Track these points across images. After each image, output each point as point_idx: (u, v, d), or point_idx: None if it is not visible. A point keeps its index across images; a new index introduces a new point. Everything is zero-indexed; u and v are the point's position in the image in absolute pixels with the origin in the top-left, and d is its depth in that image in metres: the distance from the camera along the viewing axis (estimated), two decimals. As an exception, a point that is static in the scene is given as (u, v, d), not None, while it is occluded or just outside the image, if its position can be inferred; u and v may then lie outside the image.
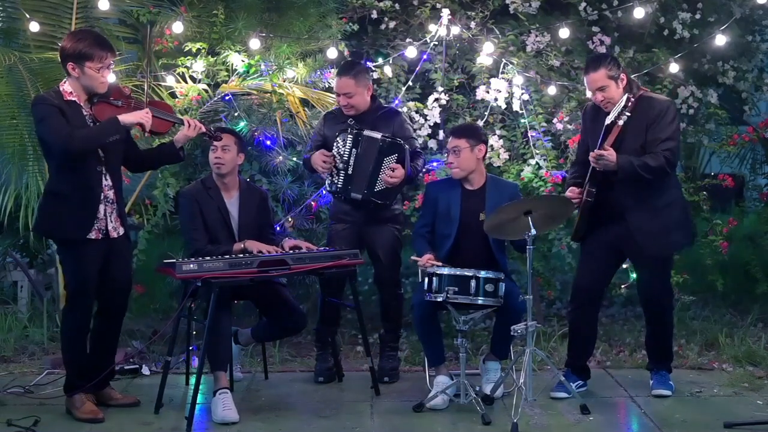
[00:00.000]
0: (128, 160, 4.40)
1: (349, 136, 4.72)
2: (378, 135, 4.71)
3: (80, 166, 4.11)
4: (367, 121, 4.79)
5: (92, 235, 4.15)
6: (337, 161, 4.74)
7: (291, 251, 4.48)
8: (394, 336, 5.01)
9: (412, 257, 4.57)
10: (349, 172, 4.73)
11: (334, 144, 4.77)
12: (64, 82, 4.16)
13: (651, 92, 4.62)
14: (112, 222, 4.22)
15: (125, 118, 4.12)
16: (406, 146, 4.75)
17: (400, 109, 5.47)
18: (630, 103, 4.29)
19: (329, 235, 4.96)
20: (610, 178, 4.35)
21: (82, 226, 4.13)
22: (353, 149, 4.71)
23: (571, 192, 4.52)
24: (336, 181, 4.78)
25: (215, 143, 4.51)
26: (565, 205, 4.51)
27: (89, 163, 4.12)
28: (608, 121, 4.30)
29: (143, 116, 4.15)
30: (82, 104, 4.16)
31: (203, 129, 4.37)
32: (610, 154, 4.24)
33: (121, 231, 4.29)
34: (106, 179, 4.20)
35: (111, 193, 4.22)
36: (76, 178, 4.12)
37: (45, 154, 4.30)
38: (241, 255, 4.37)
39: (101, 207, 4.17)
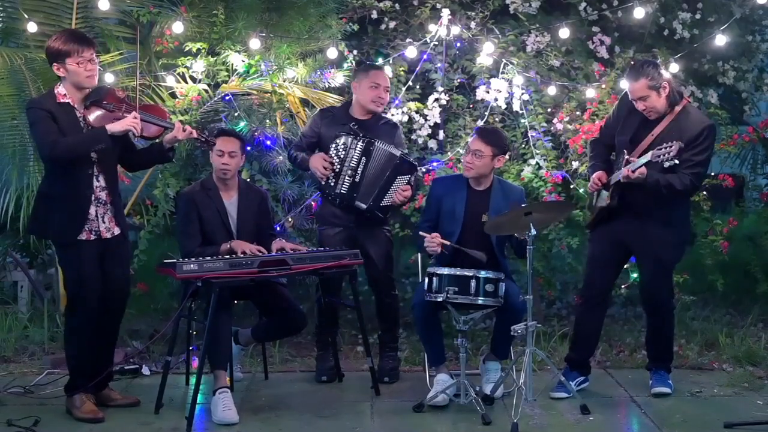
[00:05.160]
0: (123, 159, 4.41)
1: (359, 143, 4.71)
2: (396, 151, 4.76)
3: (70, 169, 4.13)
4: (370, 129, 4.79)
5: (83, 237, 4.15)
6: (336, 164, 4.74)
7: (279, 252, 4.48)
8: (393, 336, 5.01)
9: (421, 231, 4.55)
10: (356, 179, 4.72)
11: (332, 145, 4.76)
12: (59, 84, 4.18)
13: (693, 106, 4.56)
14: (105, 223, 4.22)
15: (113, 127, 4.11)
16: (418, 168, 4.80)
17: (399, 109, 5.50)
18: (678, 153, 4.13)
19: (320, 239, 4.92)
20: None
21: (72, 227, 4.14)
22: (363, 157, 4.71)
23: (599, 180, 4.48)
24: (336, 185, 4.75)
25: (221, 149, 4.51)
26: (565, 208, 4.51)
27: (80, 165, 4.13)
28: (652, 159, 4.18)
29: (131, 122, 4.13)
30: (75, 106, 4.17)
31: (194, 135, 4.37)
32: (642, 174, 4.21)
33: (117, 231, 4.28)
34: (98, 180, 4.20)
35: (103, 195, 4.22)
36: (66, 181, 4.14)
37: (39, 156, 4.31)
38: (241, 255, 4.37)
39: (92, 208, 4.17)
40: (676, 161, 4.15)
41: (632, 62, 4.97)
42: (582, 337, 4.69)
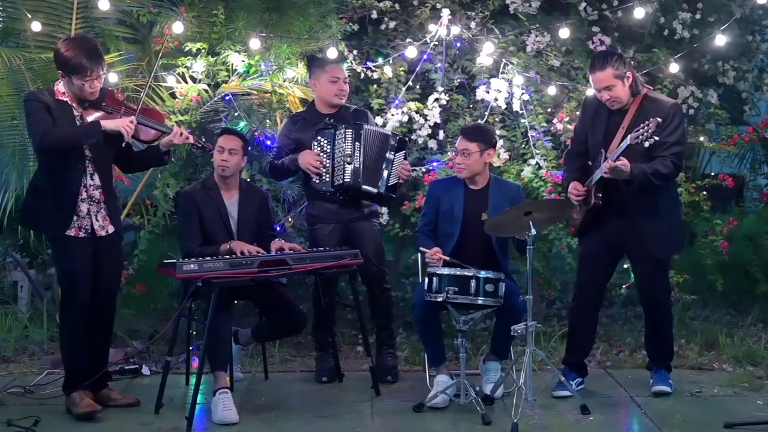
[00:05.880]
0: (119, 160, 4.41)
1: (346, 130, 4.72)
2: (386, 131, 4.83)
3: (61, 163, 4.14)
4: (344, 119, 4.83)
5: (72, 233, 4.16)
6: (325, 161, 4.74)
7: (279, 252, 4.48)
8: (390, 334, 5.00)
9: (421, 247, 4.53)
10: (357, 165, 4.72)
11: (315, 143, 4.77)
12: (59, 82, 4.19)
13: (654, 92, 4.61)
14: (98, 221, 4.22)
15: (107, 123, 4.12)
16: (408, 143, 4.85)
17: (399, 109, 5.50)
18: (656, 128, 4.13)
19: (314, 238, 4.87)
20: (618, 179, 4.31)
21: (60, 221, 4.15)
22: (356, 143, 4.71)
23: (575, 189, 4.49)
24: (333, 178, 4.74)
25: (221, 146, 4.51)
26: (566, 207, 4.51)
27: (70, 160, 4.14)
28: (632, 141, 4.17)
29: (125, 125, 4.12)
30: (73, 105, 4.18)
31: (191, 140, 4.37)
32: (625, 165, 4.19)
33: (111, 229, 4.28)
34: (92, 179, 4.21)
35: (97, 193, 4.22)
36: (56, 175, 4.15)
37: (33, 148, 4.34)
38: (241, 255, 4.37)
39: (84, 206, 4.18)
40: (656, 138, 4.13)
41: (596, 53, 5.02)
42: (577, 339, 4.69)
